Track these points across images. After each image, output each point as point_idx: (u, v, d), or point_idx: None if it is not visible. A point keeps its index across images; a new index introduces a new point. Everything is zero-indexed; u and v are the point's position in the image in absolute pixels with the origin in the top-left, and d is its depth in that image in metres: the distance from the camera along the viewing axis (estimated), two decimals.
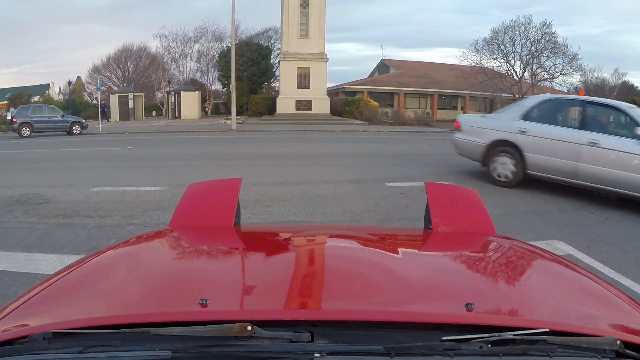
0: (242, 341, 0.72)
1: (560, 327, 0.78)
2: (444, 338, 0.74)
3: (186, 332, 0.72)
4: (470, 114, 13.59)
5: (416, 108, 38.12)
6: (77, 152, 13.46)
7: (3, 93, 41.08)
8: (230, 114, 26.19)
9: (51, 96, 43.08)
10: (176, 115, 35.02)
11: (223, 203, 1.57)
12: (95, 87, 32.17)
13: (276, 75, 40.05)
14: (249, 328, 0.72)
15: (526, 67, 32.92)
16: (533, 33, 31.51)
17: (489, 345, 0.73)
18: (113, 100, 35.82)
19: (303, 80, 31.46)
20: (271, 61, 39.96)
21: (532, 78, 33.19)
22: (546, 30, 31.13)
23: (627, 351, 0.76)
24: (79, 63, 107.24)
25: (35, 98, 39.04)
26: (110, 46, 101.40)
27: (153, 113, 40.97)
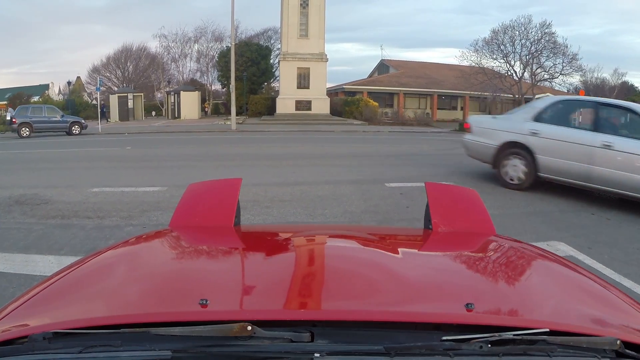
0: (242, 341, 0.72)
1: (560, 327, 0.78)
2: (444, 338, 0.74)
3: (186, 332, 0.73)
4: (480, 115, 13.49)
5: (416, 108, 38.15)
6: (77, 153, 13.44)
7: (3, 93, 41.05)
8: (229, 114, 26.19)
9: (51, 96, 43.06)
10: (176, 115, 35.02)
11: (223, 203, 1.56)
12: (94, 88, 32.12)
13: (276, 75, 40.05)
14: (249, 328, 0.72)
15: (526, 67, 32.93)
16: (533, 33, 31.53)
17: (489, 345, 0.73)
18: (112, 100, 35.81)
19: (303, 80, 31.45)
20: (271, 61, 39.97)
21: (532, 78, 33.21)
22: (546, 30, 31.15)
23: (627, 351, 0.75)
24: (79, 63, 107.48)
25: (34, 98, 39.03)
26: (110, 46, 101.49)
27: (153, 113, 40.98)
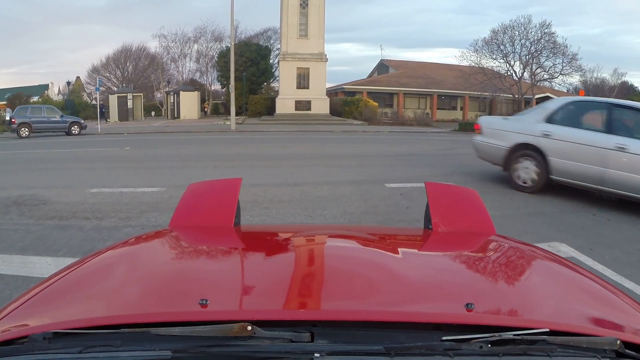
0: (242, 341, 0.72)
1: (560, 327, 0.78)
2: (444, 338, 0.74)
3: (186, 332, 0.72)
4: (491, 116, 13.40)
5: (415, 108, 38.15)
6: (75, 153, 13.41)
7: (2, 93, 40.98)
8: (229, 115, 26.18)
9: (50, 96, 43.02)
10: (175, 115, 35.01)
11: (223, 203, 1.56)
12: (94, 88, 32.10)
13: (275, 75, 40.03)
14: (249, 328, 0.72)
15: (526, 67, 32.94)
16: (533, 33, 31.54)
17: (489, 345, 0.73)
18: (112, 100, 35.80)
19: (302, 80, 31.43)
20: (270, 61, 39.95)
21: (532, 78, 33.22)
22: (546, 30, 31.16)
23: (627, 351, 0.75)
24: (79, 63, 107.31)
25: (34, 98, 38.99)
26: (109, 46, 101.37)
27: (152, 113, 40.96)
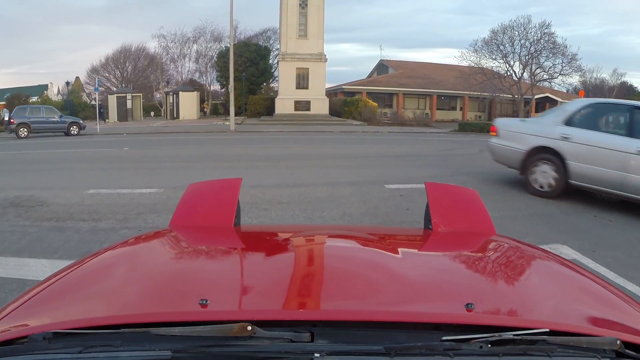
0: (242, 341, 0.72)
1: (560, 327, 0.78)
2: (444, 338, 0.74)
3: (186, 332, 0.72)
4: (508, 118, 13.17)
5: (415, 108, 38.13)
6: (74, 154, 13.37)
7: (1, 93, 40.91)
8: (228, 115, 26.13)
9: (50, 97, 42.98)
10: (174, 115, 34.98)
11: (223, 203, 1.57)
12: (93, 88, 32.06)
13: (275, 75, 39.97)
14: (249, 328, 0.72)
15: (525, 68, 32.91)
16: (532, 33, 31.51)
17: (489, 345, 0.73)
18: (111, 100, 35.78)
19: (302, 80, 31.37)
20: (270, 62, 39.88)
21: (532, 78, 33.20)
22: (545, 30, 31.12)
23: (627, 351, 0.75)
24: (78, 63, 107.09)
25: (33, 98, 38.95)
26: (109, 47, 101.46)
27: (151, 114, 40.92)
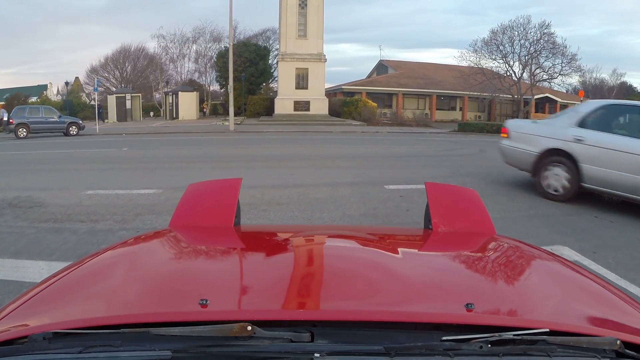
0: (242, 341, 0.72)
1: (560, 327, 0.78)
2: (444, 338, 0.74)
3: (186, 332, 0.72)
4: (520, 120, 13.02)
5: (415, 109, 38.12)
6: (73, 154, 13.34)
7: (1, 94, 40.87)
8: (228, 115, 26.08)
9: (49, 97, 42.93)
10: (174, 116, 34.94)
11: (223, 203, 1.57)
12: (92, 88, 32.02)
13: (274, 76, 39.91)
14: (249, 328, 0.72)
15: (525, 68, 32.92)
16: (532, 33, 31.52)
17: (489, 345, 0.73)
18: (110, 100, 35.73)
19: (301, 80, 31.33)
20: (269, 62, 39.82)
21: (531, 79, 33.21)
22: (545, 30, 31.14)
23: (627, 351, 0.75)
24: (78, 64, 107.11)
25: (33, 99, 38.90)
26: (108, 47, 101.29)
27: (151, 114, 40.87)
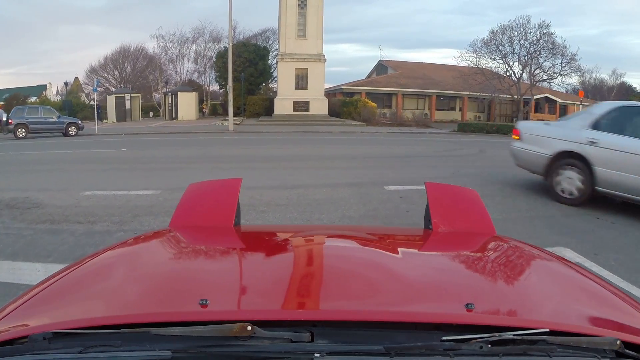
0: (242, 341, 0.72)
1: (560, 327, 0.78)
2: (444, 338, 0.74)
3: (186, 332, 0.72)
4: (532, 121, 12.83)
5: (414, 109, 38.09)
6: (72, 154, 13.30)
7: (0, 94, 40.86)
8: (227, 115, 26.03)
9: (48, 97, 42.90)
10: (173, 116, 34.89)
11: (223, 203, 1.57)
12: (92, 88, 31.97)
13: (274, 76, 39.87)
14: (249, 328, 0.72)
15: (524, 68, 32.91)
16: (531, 34, 31.52)
17: (489, 345, 0.73)
18: (110, 101, 35.70)
19: (301, 81, 31.29)
20: (269, 62, 39.78)
21: (531, 79, 33.20)
22: (544, 30, 31.13)
23: (627, 351, 0.75)
24: (77, 64, 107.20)
25: (32, 99, 38.87)
26: (108, 47, 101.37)
27: (150, 114, 40.80)
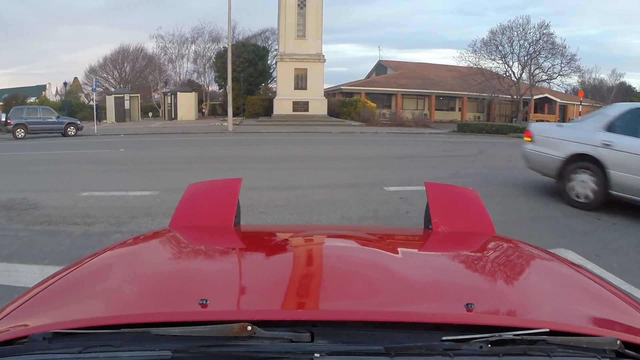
0: (242, 341, 0.72)
1: (560, 327, 0.78)
2: (444, 338, 0.74)
3: (186, 332, 0.72)
4: (544, 123, 12.64)
5: (414, 109, 38.09)
6: (70, 155, 13.26)
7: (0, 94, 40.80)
8: (227, 116, 25.99)
9: (48, 97, 42.83)
10: (172, 116, 34.85)
11: (223, 203, 1.57)
12: (91, 89, 31.94)
13: (273, 76, 39.84)
14: (249, 328, 0.72)
15: (524, 68, 32.93)
16: (531, 34, 31.58)
17: (489, 345, 0.73)
18: (109, 101, 35.67)
19: (300, 81, 31.27)
20: (268, 62, 39.75)
21: (530, 79, 33.21)
22: (544, 31, 31.18)
23: (627, 351, 0.75)
24: (77, 64, 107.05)
25: (31, 99, 38.79)
26: (107, 47, 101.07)
27: (149, 114, 40.75)
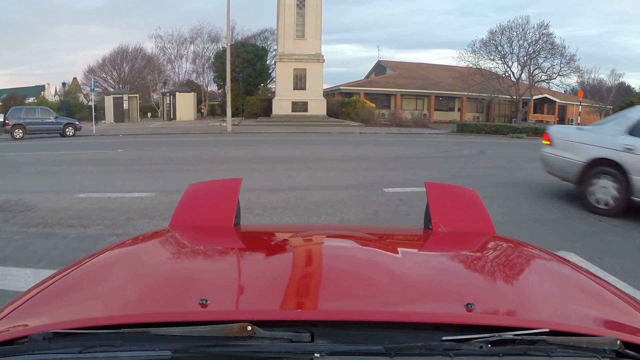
0: (242, 341, 0.72)
1: (560, 327, 0.78)
2: (444, 338, 0.74)
3: (186, 332, 0.72)
4: (564, 126, 12.44)
5: (413, 109, 38.06)
6: (68, 155, 13.20)
7: None
8: (225, 116, 25.93)
9: (47, 97, 42.77)
10: (171, 116, 34.79)
11: (223, 203, 1.57)
12: (90, 89, 31.87)
13: (272, 76, 39.80)
14: (249, 328, 0.72)
15: (524, 69, 32.91)
16: (530, 34, 31.55)
17: (489, 345, 0.73)
18: (108, 101, 35.61)
19: (299, 81, 31.22)
20: (267, 62, 39.69)
21: (530, 79, 33.19)
22: (543, 31, 31.15)
23: (627, 351, 0.75)
24: (76, 64, 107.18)
25: (30, 99, 38.73)
26: (106, 47, 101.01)
27: (148, 114, 40.69)
